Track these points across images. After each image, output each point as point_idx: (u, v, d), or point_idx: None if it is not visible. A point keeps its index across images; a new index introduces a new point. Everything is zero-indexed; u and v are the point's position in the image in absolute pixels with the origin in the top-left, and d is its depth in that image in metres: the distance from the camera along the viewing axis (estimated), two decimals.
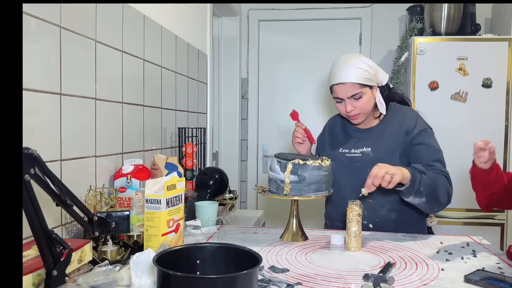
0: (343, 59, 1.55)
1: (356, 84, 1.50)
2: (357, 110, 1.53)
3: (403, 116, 1.60)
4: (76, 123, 1.27)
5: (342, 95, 1.52)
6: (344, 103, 1.54)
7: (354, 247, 1.29)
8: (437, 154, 1.56)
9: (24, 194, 0.81)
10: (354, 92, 1.50)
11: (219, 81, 3.51)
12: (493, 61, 2.73)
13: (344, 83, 1.50)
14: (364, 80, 1.50)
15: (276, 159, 1.37)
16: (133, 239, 1.27)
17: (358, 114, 1.55)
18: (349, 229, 1.30)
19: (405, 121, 1.58)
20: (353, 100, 1.52)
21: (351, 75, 1.49)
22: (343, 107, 1.56)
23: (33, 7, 1.07)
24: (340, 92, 1.52)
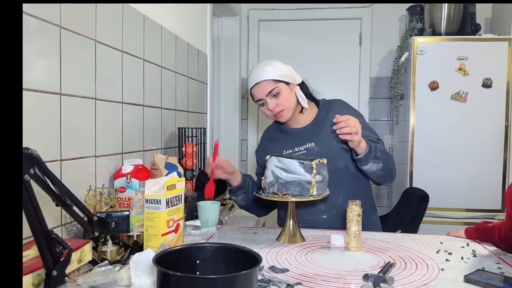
0: (256, 65, 1.63)
1: (270, 81, 1.55)
2: (280, 106, 1.57)
3: (338, 108, 1.66)
4: (76, 123, 1.27)
5: (260, 94, 1.56)
6: (265, 103, 1.57)
7: (354, 247, 1.29)
8: (376, 135, 1.63)
9: (24, 194, 0.81)
10: (270, 88, 1.55)
11: (219, 81, 3.51)
12: (493, 61, 2.73)
13: (258, 82, 1.55)
14: (277, 76, 1.56)
15: (297, 160, 1.35)
16: (133, 239, 1.27)
17: (282, 110, 1.58)
18: (349, 229, 1.30)
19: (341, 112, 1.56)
20: (272, 98, 1.56)
21: (263, 74, 1.56)
22: (266, 109, 1.59)
23: (33, 7, 1.07)
24: (257, 92, 1.57)
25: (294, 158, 1.36)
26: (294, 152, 1.63)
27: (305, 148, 1.62)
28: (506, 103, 2.74)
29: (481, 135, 2.76)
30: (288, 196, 1.32)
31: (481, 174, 2.78)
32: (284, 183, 1.34)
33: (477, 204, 2.79)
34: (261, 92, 1.56)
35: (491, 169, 2.77)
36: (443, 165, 2.80)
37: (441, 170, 2.79)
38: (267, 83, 1.55)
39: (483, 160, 2.77)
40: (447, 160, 2.78)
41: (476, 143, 2.76)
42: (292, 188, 1.33)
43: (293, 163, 1.34)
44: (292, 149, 1.64)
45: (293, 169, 1.34)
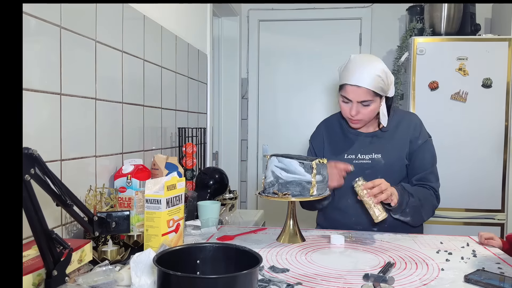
0: (363, 59, 1.48)
1: (371, 91, 1.44)
2: (361, 116, 1.49)
3: (409, 122, 1.60)
4: (76, 123, 1.27)
5: (353, 97, 1.46)
6: (351, 105, 1.49)
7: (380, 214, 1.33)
8: (432, 167, 1.58)
9: (24, 194, 0.81)
10: (366, 98, 1.45)
11: (219, 81, 3.51)
12: (493, 61, 2.73)
13: (360, 86, 1.43)
14: (378, 89, 1.45)
15: (297, 160, 1.35)
16: (133, 239, 1.27)
17: (360, 120, 1.52)
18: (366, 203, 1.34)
19: (411, 129, 1.58)
20: (361, 106, 1.47)
21: (369, 80, 1.43)
22: (348, 109, 1.50)
23: (33, 7, 1.07)
24: (352, 94, 1.46)
25: (294, 158, 1.36)
26: (357, 159, 1.57)
27: (369, 159, 1.56)
28: (506, 103, 2.74)
29: (481, 135, 2.76)
30: (288, 196, 1.32)
31: (481, 174, 2.78)
32: (284, 183, 1.34)
33: (477, 204, 2.79)
34: (356, 96, 1.45)
35: (491, 169, 2.77)
36: (442, 165, 2.78)
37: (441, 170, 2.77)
38: (366, 92, 1.44)
39: (483, 160, 2.77)
40: (447, 160, 2.78)
41: (476, 143, 2.76)
42: (292, 188, 1.33)
43: (293, 163, 1.34)
44: (355, 156, 1.58)
45: (293, 169, 1.34)
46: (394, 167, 1.54)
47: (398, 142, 1.57)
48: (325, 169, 1.38)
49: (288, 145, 3.45)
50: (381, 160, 1.55)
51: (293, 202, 1.40)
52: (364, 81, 1.43)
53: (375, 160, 1.56)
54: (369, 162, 1.56)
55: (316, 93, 3.55)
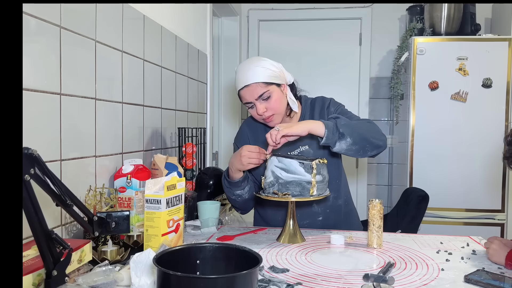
0: (244, 63, 1.50)
1: (261, 83, 1.44)
2: (270, 111, 1.47)
3: (319, 104, 1.61)
4: (76, 123, 1.27)
5: (249, 97, 1.46)
6: (255, 106, 1.47)
7: (376, 244, 1.32)
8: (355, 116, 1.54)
9: (24, 194, 0.81)
10: (260, 92, 1.44)
11: (219, 81, 3.51)
12: (493, 61, 2.73)
13: (249, 84, 1.44)
14: (268, 78, 1.45)
15: (297, 160, 1.34)
16: (133, 239, 1.27)
17: (272, 115, 1.48)
18: (372, 227, 1.32)
19: (323, 107, 1.58)
20: (262, 101, 1.46)
21: (254, 75, 1.44)
22: (254, 112, 1.49)
23: (33, 7, 1.07)
24: (247, 95, 1.46)
25: (294, 158, 1.36)
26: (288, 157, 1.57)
27: (299, 152, 1.55)
28: (506, 103, 2.74)
29: (481, 135, 2.76)
30: (288, 196, 1.32)
31: (481, 174, 2.78)
32: (284, 183, 1.34)
33: (477, 204, 2.79)
34: (250, 95, 1.45)
35: (491, 169, 2.77)
36: (443, 165, 2.80)
37: (441, 170, 2.80)
38: (257, 86, 1.44)
39: (483, 160, 2.77)
40: (447, 160, 2.78)
41: (476, 143, 2.76)
42: (292, 188, 1.33)
43: (293, 163, 1.34)
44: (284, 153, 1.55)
45: (293, 169, 1.34)
46: (321, 152, 1.53)
47: None
48: (325, 169, 1.38)
49: None
50: (310, 150, 1.55)
51: (293, 202, 1.40)
52: (250, 78, 1.44)
53: (304, 152, 1.55)
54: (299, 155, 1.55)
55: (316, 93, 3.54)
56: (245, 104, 1.51)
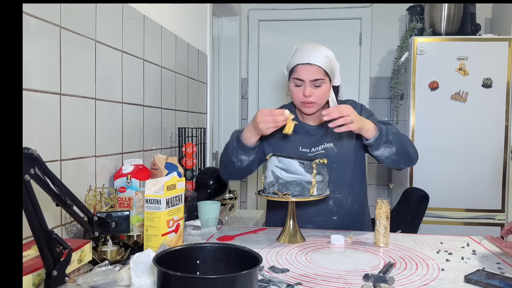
0: (311, 44, 1.52)
1: (321, 69, 1.46)
2: (314, 98, 1.49)
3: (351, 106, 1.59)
4: (76, 123, 1.27)
5: (306, 76, 1.47)
6: (304, 87, 1.48)
7: (384, 243, 1.33)
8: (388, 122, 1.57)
9: (24, 194, 0.81)
10: (318, 77, 1.46)
11: (219, 81, 3.51)
12: (493, 61, 2.73)
13: (311, 64, 1.45)
14: (328, 69, 1.48)
15: (297, 160, 1.34)
16: (133, 239, 1.26)
17: (313, 103, 1.50)
18: (379, 226, 1.33)
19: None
20: (313, 87, 1.48)
21: (319, 58, 1.46)
22: (301, 91, 1.49)
23: (33, 7, 1.07)
24: (305, 73, 1.47)
25: (294, 158, 1.36)
26: (311, 152, 1.57)
27: (323, 148, 1.56)
28: (506, 103, 2.74)
29: (481, 135, 2.76)
30: (288, 196, 1.32)
31: (481, 174, 2.78)
32: (284, 183, 1.34)
33: (477, 204, 2.79)
34: (308, 74, 1.46)
35: (491, 169, 2.77)
36: (443, 165, 2.80)
37: (441, 170, 2.79)
38: (318, 70, 1.46)
39: (483, 160, 2.77)
40: (447, 160, 2.78)
41: (476, 143, 2.76)
42: (292, 188, 1.33)
43: (293, 163, 1.34)
44: (309, 149, 1.57)
45: (294, 169, 1.34)
46: (346, 154, 1.56)
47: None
48: (325, 169, 1.38)
49: None
50: (334, 148, 1.56)
51: (293, 202, 1.40)
52: (315, 59, 1.45)
53: (328, 149, 1.56)
54: (323, 152, 1.56)
55: None
56: (293, 79, 1.50)
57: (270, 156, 1.39)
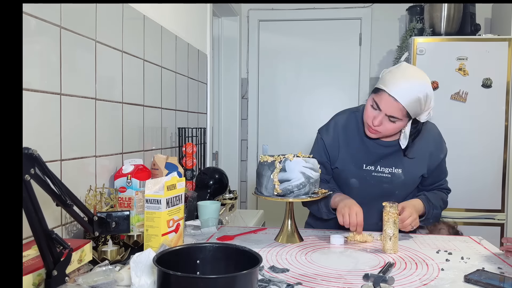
0: (411, 72, 1.36)
1: (404, 110, 1.34)
2: (382, 129, 1.40)
3: (430, 136, 1.54)
4: (76, 123, 1.27)
5: (384, 107, 1.36)
6: (378, 114, 1.38)
7: (391, 249, 1.27)
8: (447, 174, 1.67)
9: (24, 194, 0.81)
10: (396, 115, 1.35)
11: (219, 81, 3.51)
12: (493, 61, 2.73)
13: (397, 100, 1.33)
14: (412, 111, 1.35)
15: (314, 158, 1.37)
16: (133, 239, 1.27)
17: (378, 132, 1.42)
18: (385, 231, 1.29)
19: (432, 144, 1.55)
20: (387, 119, 1.38)
21: (407, 98, 1.32)
22: (372, 116, 1.40)
23: (33, 7, 1.07)
24: (386, 104, 1.35)
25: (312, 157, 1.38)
26: (376, 172, 1.50)
27: (389, 172, 1.50)
28: (506, 103, 2.74)
29: (481, 135, 2.76)
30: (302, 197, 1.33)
31: (481, 174, 2.78)
32: (314, 182, 1.34)
33: (477, 204, 2.79)
34: (388, 109, 1.35)
35: (491, 169, 2.77)
36: None
37: None
38: (400, 110, 1.34)
39: (483, 160, 2.77)
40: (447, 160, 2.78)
41: (476, 143, 2.76)
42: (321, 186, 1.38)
43: (316, 162, 1.36)
44: (374, 167, 1.51)
45: (317, 167, 1.36)
46: (412, 182, 1.54)
47: (419, 156, 1.51)
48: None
49: (288, 145, 3.45)
50: (401, 175, 1.49)
51: (291, 203, 1.40)
52: (403, 97, 1.32)
53: (395, 175, 1.50)
54: (388, 176, 1.50)
55: (316, 93, 3.54)
56: (373, 99, 1.39)
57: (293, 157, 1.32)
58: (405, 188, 1.53)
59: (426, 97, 1.34)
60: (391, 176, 1.50)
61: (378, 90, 1.39)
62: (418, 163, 1.52)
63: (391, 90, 1.33)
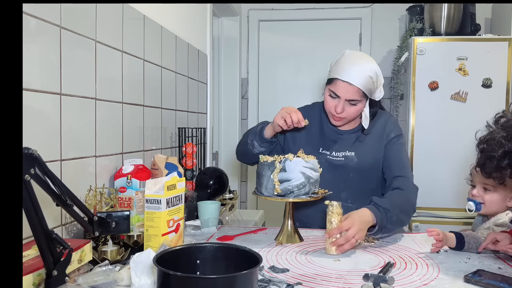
0: (358, 56, 1.48)
1: (360, 91, 1.43)
2: (345, 114, 1.48)
3: (384, 121, 1.59)
4: (76, 123, 1.27)
5: (342, 94, 1.45)
6: (338, 102, 1.47)
7: (334, 251, 1.24)
8: (405, 162, 1.56)
9: (24, 194, 0.81)
10: (354, 97, 1.44)
11: (219, 81, 3.51)
12: (493, 61, 2.73)
13: (351, 84, 1.42)
14: (367, 91, 1.45)
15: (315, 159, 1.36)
16: (133, 239, 1.26)
17: (343, 118, 1.50)
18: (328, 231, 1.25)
19: (386, 126, 1.58)
20: (348, 104, 1.46)
21: (361, 79, 1.42)
22: (333, 105, 1.48)
23: (33, 7, 1.07)
24: (342, 90, 1.44)
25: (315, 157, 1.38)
26: (331, 155, 1.56)
27: (343, 156, 1.55)
28: (506, 103, 2.73)
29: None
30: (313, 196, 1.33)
31: None
32: (314, 182, 1.34)
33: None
34: (345, 93, 1.44)
35: None
36: (443, 165, 2.80)
37: (441, 170, 2.79)
38: (356, 92, 1.43)
39: None
40: (447, 160, 2.78)
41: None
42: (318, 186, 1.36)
43: (316, 162, 1.36)
44: (329, 151, 1.56)
45: (316, 167, 1.36)
46: (366, 166, 1.54)
47: (373, 141, 1.56)
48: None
49: None
50: (354, 158, 1.54)
51: (292, 203, 1.40)
52: (356, 80, 1.42)
53: (348, 157, 1.54)
54: (342, 159, 1.55)
55: (316, 93, 3.54)
56: (330, 89, 1.48)
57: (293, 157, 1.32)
58: (360, 171, 1.53)
59: (376, 75, 1.45)
60: (344, 159, 1.55)
61: (332, 80, 1.47)
62: (375, 147, 1.54)
63: (344, 76, 1.43)
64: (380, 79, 1.48)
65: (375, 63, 1.47)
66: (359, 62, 1.44)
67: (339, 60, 1.49)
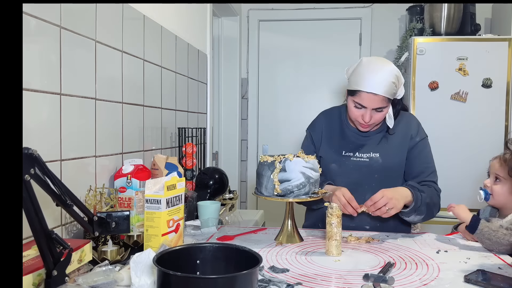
0: (377, 64, 1.45)
1: (386, 98, 1.44)
2: (373, 121, 1.48)
3: (408, 122, 1.60)
4: (76, 123, 1.27)
5: (368, 104, 1.44)
6: (364, 111, 1.47)
7: (334, 252, 1.24)
8: (432, 167, 1.59)
9: (24, 194, 0.81)
10: (381, 105, 1.44)
11: (219, 81, 3.51)
12: (493, 61, 2.73)
13: (376, 94, 1.42)
14: (392, 95, 1.45)
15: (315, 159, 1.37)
16: (133, 239, 1.27)
17: (371, 124, 1.51)
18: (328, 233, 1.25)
19: (410, 128, 1.58)
20: (374, 111, 1.46)
21: (385, 87, 1.41)
22: (360, 115, 1.48)
23: (33, 7, 1.07)
24: (368, 101, 1.43)
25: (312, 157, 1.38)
26: (355, 157, 1.56)
27: (367, 157, 1.55)
28: (506, 103, 2.74)
29: (481, 135, 2.76)
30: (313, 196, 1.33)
31: (481, 174, 2.77)
32: (314, 182, 1.34)
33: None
34: (372, 103, 1.43)
35: None
36: (442, 165, 2.78)
37: (441, 170, 2.76)
38: (381, 100, 1.43)
39: (483, 160, 2.76)
40: (447, 160, 2.78)
41: (476, 143, 2.76)
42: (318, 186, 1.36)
43: (316, 162, 1.36)
44: (353, 153, 1.57)
45: (316, 167, 1.35)
46: (391, 166, 1.54)
47: (397, 141, 1.57)
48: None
49: (288, 145, 3.45)
50: (379, 159, 1.54)
51: (291, 203, 1.40)
52: (380, 89, 1.41)
53: (373, 158, 1.55)
54: (366, 160, 1.55)
55: (316, 93, 3.54)
56: (355, 103, 1.47)
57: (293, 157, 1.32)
58: (385, 172, 1.53)
59: (397, 78, 1.45)
60: (369, 160, 1.55)
61: (355, 92, 1.46)
62: (398, 147, 1.55)
63: (367, 88, 1.42)
64: (401, 80, 1.48)
65: (393, 65, 1.47)
66: (379, 69, 1.43)
67: (358, 70, 1.47)
